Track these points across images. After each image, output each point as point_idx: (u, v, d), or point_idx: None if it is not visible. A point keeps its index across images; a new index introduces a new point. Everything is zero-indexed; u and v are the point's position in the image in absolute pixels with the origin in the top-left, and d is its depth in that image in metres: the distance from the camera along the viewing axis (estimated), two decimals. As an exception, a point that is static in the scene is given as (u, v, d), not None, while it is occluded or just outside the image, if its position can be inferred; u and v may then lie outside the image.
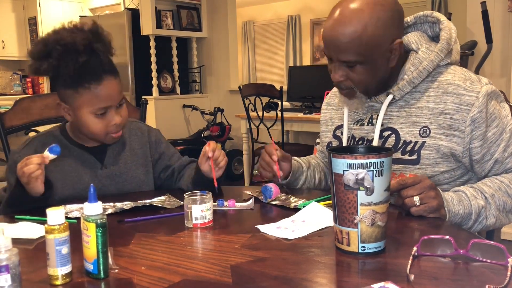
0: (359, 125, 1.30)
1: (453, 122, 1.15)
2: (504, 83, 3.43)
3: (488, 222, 1.11)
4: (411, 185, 1.05)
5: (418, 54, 1.22)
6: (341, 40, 1.13)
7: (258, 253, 0.88)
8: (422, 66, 1.19)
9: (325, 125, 1.45)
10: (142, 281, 0.77)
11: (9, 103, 3.03)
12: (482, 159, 1.17)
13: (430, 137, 1.17)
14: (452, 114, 1.16)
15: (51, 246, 0.76)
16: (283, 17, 9.23)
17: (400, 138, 1.21)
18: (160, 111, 5.07)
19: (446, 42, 1.21)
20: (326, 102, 1.49)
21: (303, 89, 4.33)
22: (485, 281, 0.72)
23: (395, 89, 1.21)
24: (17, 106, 1.62)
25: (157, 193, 1.32)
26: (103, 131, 1.28)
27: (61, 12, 7.16)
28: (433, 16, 1.27)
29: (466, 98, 1.15)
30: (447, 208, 1.06)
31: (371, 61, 1.15)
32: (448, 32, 1.22)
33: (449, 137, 1.16)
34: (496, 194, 1.12)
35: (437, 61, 1.19)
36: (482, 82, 1.17)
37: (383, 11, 1.12)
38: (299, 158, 1.46)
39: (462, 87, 1.16)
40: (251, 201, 1.22)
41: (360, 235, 0.84)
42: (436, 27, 1.27)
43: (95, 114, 1.26)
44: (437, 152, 1.17)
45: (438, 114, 1.17)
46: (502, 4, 3.46)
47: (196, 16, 5.48)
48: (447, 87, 1.18)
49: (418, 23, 1.30)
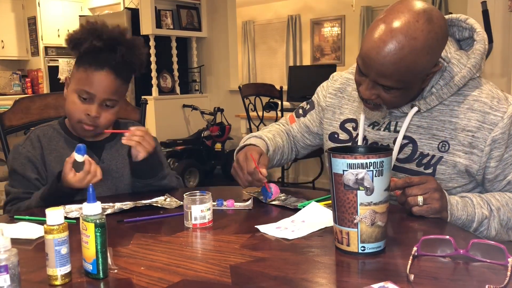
0: (375, 129, 1.24)
1: (473, 140, 1.12)
2: (505, 83, 3.43)
3: (488, 234, 1.10)
4: (416, 184, 1.04)
5: (448, 67, 1.15)
6: (386, 65, 1.04)
7: (257, 253, 0.88)
8: (454, 82, 1.14)
9: (331, 112, 1.36)
10: (142, 281, 0.77)
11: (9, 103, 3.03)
12: (495, 179, 1.15)
13: (448, 152, 1.14)
14: (474, 132, 1.12)
15: (50, 246, 0.76)
16: (283, 16, 9.24)
17: (417, 149, 1.17)
18: (160, 111, 5.07)
19: (480, 58, 1.15)
20: (337, 87, 1.38)
21: (303, 89, 4.32)
22: (485, 281, 0.72)
23: (422, 102, 1.16)
24: (17, 106, 1.62)
25: (157, 193, 1.32)
26: (76, 115, 1.31)
27: (60, 12, 7.17)
28: (468, 23, 1.19)
29: (491, 117, 1.11)
30: (450, 211, 1.05)
31: (408, 86, 1.10)
32: (482, 46, 1.15)
33: (468, 155, 1.13)
34: (502, 209, 1.10)
35: (469, 77, 1.14)
36: (509, 101, 1.13)
37: (435, 40, 1.04)
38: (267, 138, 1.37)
39: (489, 105, 1.12)
40: (250, 201, 1.22)
41: (360, 235, 0.84)
42: (465, 32, 1.21)
43: (78, 95, 1.30)
44: (453, 169, 1.14)
45: (460, 130, 1.13)
46: (502, 3, 3.45)
47: (196, 16, 5.48)
48: (473, 104, 1.13)
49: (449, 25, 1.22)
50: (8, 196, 1.34)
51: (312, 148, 1.49)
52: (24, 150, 1.34)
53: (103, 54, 1.29)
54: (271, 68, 9.61)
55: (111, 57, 1.29)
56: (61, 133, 1.39)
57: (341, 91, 1.37)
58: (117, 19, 5.21)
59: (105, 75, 1.28)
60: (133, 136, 1.28)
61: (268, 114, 3.97)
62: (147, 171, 1.35)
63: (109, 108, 1.33)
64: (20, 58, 7.22)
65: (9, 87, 7.13)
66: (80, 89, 1.29)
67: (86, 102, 1.30)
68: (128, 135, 1.28)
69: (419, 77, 1.10)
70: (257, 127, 4.03)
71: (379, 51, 1.04)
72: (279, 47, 9.41)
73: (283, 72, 9.15)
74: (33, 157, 1.34)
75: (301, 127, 1.46)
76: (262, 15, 9.58)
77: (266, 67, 9.68)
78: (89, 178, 1.20)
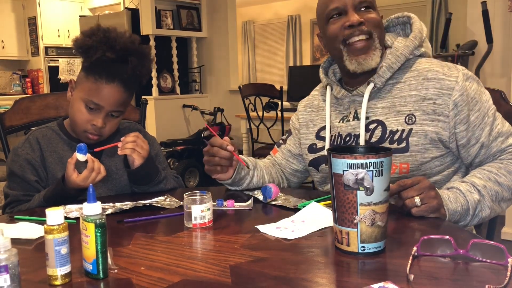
0: (345, 121, 1.30)
1: (436, 107, 1.18)
2: (505, 83, 3.43)
3: (484, 215, 1.12)
4: (410, 186, 1.05)
5: (394, 44, 1.27)
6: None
7: (257, 253, 0.88)
8: (399, 52, 1.24)
9: (305, 127, 1.42)
10: (142, 281, 0.77)
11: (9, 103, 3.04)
12: (468, 143, 1.19)
13: (416, 123, 1.19)
14: (435, 99, 1.18)
15: (50, 246, 0.76)
16: (283, 17, 9.23)
17: (386, 129, 1.22)
18: (160, 111, 5.07)
19: (418, 31, 1.27)
20: (304, 105, 1.47)
21: (303, 89, 4.29)
22: (485, 281, 0.72)
23: (375, 76, 1.24)
24: (17, 106, 1.62)
25: (157, 194, 1.32)
26: (82, 124, 1.31)
27: (60, 12, 7.17)
28: (404, 15, 1.33)
29: (446, 82, 1.18)
30: (446, 207, 1.07)
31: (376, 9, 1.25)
32: (419, 25, 1.28)
33: (435, 122, 1.18)
34: (487, 185, 1.13)
35: (412, 46, 1.25)
36: (458, 68, 1.21)
37: None
38: (245, 157, 1.39)
39: (441, 72, 1.20)
40: (250, 201, 1.22)
41: (360, 235, 0.84)
42: (407, 28, 1.33)
43: (85, 104, 1.29)
44: (425, 138, 1.18)
45: (421, 101, 1.19)
46: (502, 4, 3.45)
47: (196, 16, 5.48)
48: (427, 74, 1.21)
49: (391, 26, 1.36)
50: (7, 199, 1.33)
51: (300, 175, 1.50)
52: (23, 152, 1.34)
53: (115, 66, 1.27)
54: (271, 68, 9.60)
55: (123, 69, 1.28)
56: (60, 135, 1.39)
57: (310, 106, 1.45)
58: (117, 19, 5.21)
59: (116, 88, 1.28)
60: (126, 144, 1.27)
61: (268, 114, 3.97)
62: (144, 177, 1.35)
63: (115, 118, 1.33)
64: (20, 58, 7.22)
65: (9, 87, 7.14)
66: (88, 100, 1.28)
67: (92, 111, 1.29)
68: (121, 145, 1.27)
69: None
70: (257, 127, 4.03)
71: None
72: (279, 47, 9.41)
73: (283, 72, 9.15)
74: (32, 159, 1.33)
75: (284, 153, 1.49)
76: (262, 15, 9.58)
77: (266, 67, 9.68)
78: (94, 175, 1.20)
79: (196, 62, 5.59)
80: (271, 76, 9.45)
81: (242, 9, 9.02)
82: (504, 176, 1.15)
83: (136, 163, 1.30)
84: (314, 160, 1.37)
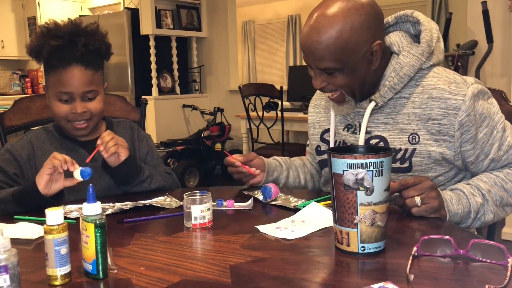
0: (351, 132, 1.27)
1: (441, 127, 1.14)
2: (505, 83, 3.43)
3: (487, 219, 1.12)
4: (412, 186, 1.05)
5: (399, 58, 1.18)
6: (316, 47, 1.11)
7: (257, 253, 0.88)
8: (403, 72, 1.16)
9: (312, 128, 1.43)
10: (141, 282, 0.77)
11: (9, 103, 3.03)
12: (476, 160, 1.16)
13: (420, 143, 1.16)
14: (440, 119, 1.14)
15: (50, 246, 0.76)
16: (283, 16, 9.23)
17: (389, 146, 1.19)
18: (160, 111, 5.07)
19: (426, 45, 1.17)
20: (313, 105, 1.46)
21: (303, 89, 4.32)
22: (485, 281, 0.72)
23: (377, 95, 1.19)
24: (17, 106, 1.62)
25: (157, 193, 1.32)
26: (64, 117, 1.32)
27: (60, 12, 7.15)
28: (413, 17, 1.24)
29: (452, 102, 1.12)
30: (447, 208, 1.06)
31: (351, 66, 1.12)
32: (428, 33, 1.18)
33: (439, 142, 1.15)
34: (492, 190, 1.13)
35: (418, 65, 1.16)
36: (467, 83, 1.14)
37: (357, 15, 1.09)
38: (280, 158, 1.46)
39: (447, 91, 1.13)
40: (250, 201, 1.22)
41: (359, 235, 0.84)
42: (418, 26, 1.24)
43: (58, 98, 1.31)
44: (428, 158, 1.15)
45: (425, 120, 1.15)
46: (502, 3, 3.45)
47: (196, 15, 5.48)
48: (432, 92, 1.15)
49: (400, 23, 1.27)
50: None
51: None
52: (12, 148, 1.36)
53: (65, 50, 1.29)
54: (271, 68, 9.60)
55: (73, 50, 1.29)
56: (55, 135, 1.40)
57: (317, 107, 1.44)
58: (117, 19, 5.21)
59: (75, 70, 1.29)
60: (107, 144, 1.25)
61: (268, 114, 3.97)
62: (127, 176, 1.33)
63: (92, 99, 1.33)
64: (20, 58, 7.21)
65: (9, 87, 7.13)
66: (57, 92, 1.30)
67: (68, 102, 1.31)
68: (103, 148, 1.25)
69: (357, 56, 1.12)
70: (257, 127, 4.03)
71: (308, 36, 1.12)
72: (279, 47, 9.41)
73: (283, 72, 9.14)
74: (19, 156, 1.34)
75: (310, 154, 1.52)
76: (262, 15, 9.57)
77: (266, 67, 9.68)
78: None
79: (196, 62, 5.59)
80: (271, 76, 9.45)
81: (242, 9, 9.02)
82: (511, 183, 1.14)
83: (123, 157, 1.29)
84: (319, 162, 1.39)
